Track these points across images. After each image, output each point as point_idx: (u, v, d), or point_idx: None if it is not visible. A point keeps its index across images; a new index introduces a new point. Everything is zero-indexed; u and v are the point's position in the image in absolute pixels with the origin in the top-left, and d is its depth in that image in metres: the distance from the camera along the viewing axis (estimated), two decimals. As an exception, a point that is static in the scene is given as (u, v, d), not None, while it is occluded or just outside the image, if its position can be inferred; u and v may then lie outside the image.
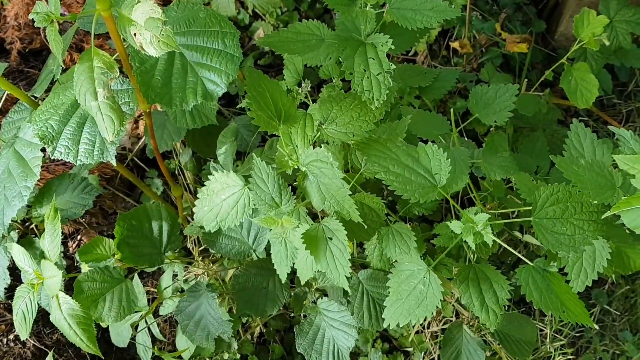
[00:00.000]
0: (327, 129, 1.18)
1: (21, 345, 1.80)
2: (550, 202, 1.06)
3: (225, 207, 1.16)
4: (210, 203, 1.17)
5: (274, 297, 1.42)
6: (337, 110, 1.17)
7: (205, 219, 1.18)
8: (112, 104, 0.96)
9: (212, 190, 1.17)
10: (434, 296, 1.09)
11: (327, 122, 1.17)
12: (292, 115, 1.11)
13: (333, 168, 1.04)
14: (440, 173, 1.05)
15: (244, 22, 2.07)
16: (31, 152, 1.19)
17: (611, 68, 1.97)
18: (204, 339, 1.45)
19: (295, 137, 1.14)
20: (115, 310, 1.30)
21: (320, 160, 1.05)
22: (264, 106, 1.06)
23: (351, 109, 1.16)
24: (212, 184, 1.17)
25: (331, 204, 1.07)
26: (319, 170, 1.05)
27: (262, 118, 1.06)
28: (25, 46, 2.04)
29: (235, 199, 1.16)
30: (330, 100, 1.17)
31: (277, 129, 1.09)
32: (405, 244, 1.23)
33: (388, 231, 1.24)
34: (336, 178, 1.04)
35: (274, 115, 1.08)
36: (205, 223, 1.18)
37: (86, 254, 1.31)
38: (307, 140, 1.14)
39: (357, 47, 1.10)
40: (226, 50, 1.06)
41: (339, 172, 1.03)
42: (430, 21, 1.12)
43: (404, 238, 1.24)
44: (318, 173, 1.06)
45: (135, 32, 0.93)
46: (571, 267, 1.19)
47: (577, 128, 1.25)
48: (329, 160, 1.04)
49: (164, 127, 1.62)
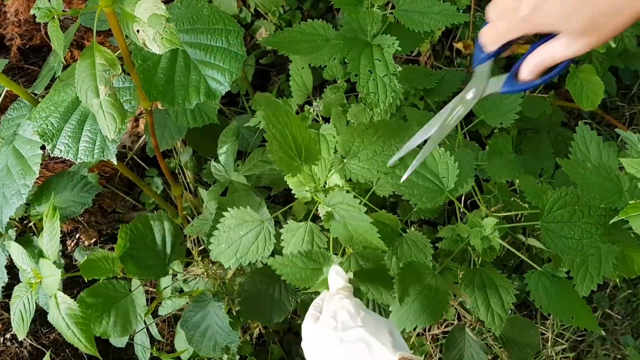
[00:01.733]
0: (349, 165, 1.11)
1: (18, 345, 1.78)
2: (557, 206, 1.05)
3: (245, 243, 1.12)
4: (228, 240, 1.13)
5: (280, 305, 1.39)
6: (359, 143, 1.11)
7: (224, 255, 1.13)
8: (113, 102, 0.95)
9: (227, 226, 1.12)
10: (441, 301, 1.08)
11: (349, 156, 1.11)
12: (313, 152, 1.04)
13: (361, 212, 0.98)
14: (448, 176, 1.04)
15: (246, 20, 2.05)
16: (30, 150, 1.17)
17: (615, 71, 1.95)
18: (210, 350, 1.43)
19: (318, 173, 1.08)
20: (121, 324, 1.28)
21: (347, 204, 1.00)
22: (284, 146, 0.97)
23: (374, 142, 1.11)
24: (227, 220, 1.12)
25: (359, 241, 1.02)
26: (346, 213, 1.00)
27: (283, 160, 0.97)
28: (26, 43, 2.02)
29: (254, 234, 1.11)
30: (351, 132, 1.11)
31: (300, 170, 1.01)
32: (422, 252, 1.18)
33: (402, 241, 1.20)
34: (364, 221, 0.98)
35: (294, 154, 0.99)
36: (224, 260, 1.13)
37: (89, 270, 1.27)
38: (326, 174, 1.08)
39: (363, 48, 1.08)
40: (230, 48, 1.04)
41: (367, 217, 0.97)
42: (437, 24, 1.10)
43: (419, 246, 1.19)
44: (345, 215, 1.00)
45: (138, 29, 0.92)
46: (576, 272, 1.18)
47: (583, 131, 1.23)
48: (356, 205, 0.98)
49: (164, 125, 1.60)
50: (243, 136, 1.81)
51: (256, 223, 1.11)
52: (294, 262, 0.97)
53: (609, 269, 1.16)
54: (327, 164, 1.05)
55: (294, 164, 0.98)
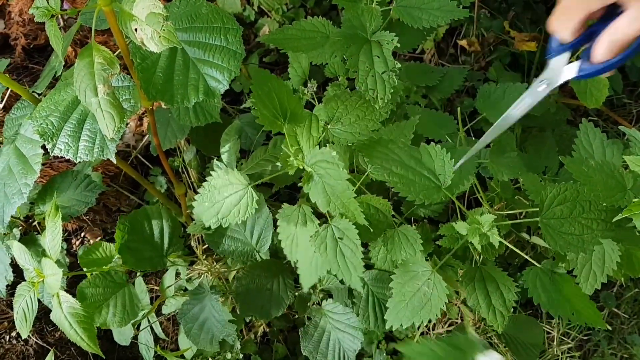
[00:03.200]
0: (333, 129, 1.15)
1: (23, 343, 1.80)
2: (557, 202, 1.04)
3: (227, 204, 1.14)
4: (211, 199, 1.15)
5: (278, 299, 1.40)
6: (343, 109, 1.15)
7: (206, 214, 1.15)
8: (112, 101, 0.95)
9: (213, 186, 1.14)
10: (439, 298, 1.07)
11: (333, 121, 1.15)
12: (298, 115, 1.09)
13: (339, 169, 1.01)
14: (444, 173, 1.03)
15: (249, 18, 2.05)
16: (32, 149, 1.18)
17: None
18: (208, 343, 1.43)
19: (301, 137, 1.12)
20: (120, 315, 1.29)
21: (326, 161, 1.02)
22: (269, 105, 1.04)
23: (357, 108, 1.14)
24: (213, 180, 1.14)
25: (336, 205, 1.04)
26: (325, 171, 1.03)
27: (266, 117, 1.04)
28: (30, 42, 2.03)
29: (237, 197, 1.13)
30: (335, 100, 1.15)
31: (282, 128, 1.07)
32: (412, 246, 1.21)
33: (394, 233, 1.22)
34: (342, 179, 1.01)
35: (279, 114, 1.06)
36: (206, 219, 1.15)
37: (86, 259, 1.29)
38: (312, 140, 1.12)
39: (362, 45, 1.08)
40: (228, 46, 1.04)
41: (344, 174, 1.01)
42: (437, 20, 1.10)
43: (410, 241, 1.21)
44: (323, 174, 1.03)
45: (137, 28, 0.92)
46: (580, 270, 1.17)
47: (587, 128, 1.22)
48: (335, 161, 1.01)
49: (167, 124, 1.60)
50: (247, 135, 1.81)
51: (241, 186, 1.12)
52: (433, 351, 0.94)
53: (612, 267, 1.15)
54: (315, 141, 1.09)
55: (277, 122, 1.04)
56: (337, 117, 1.14)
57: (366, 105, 1.13)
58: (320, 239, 1.09)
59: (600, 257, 1.14)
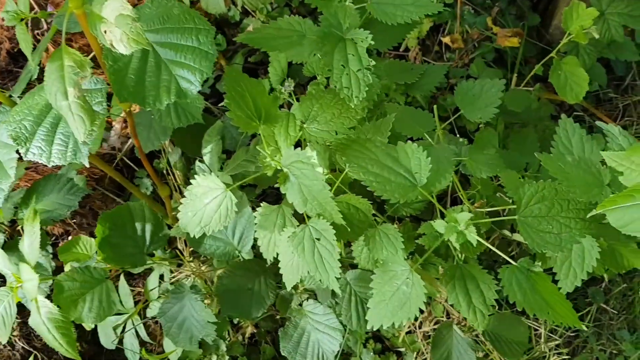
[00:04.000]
0: (309, 128, 1.15)
1: (10, 348, 1.79)
2: (535, 200, 1.03)
3: (208, 211, 1.13)
4: (194, 208, 1.14)
5: (259, 299, 1.39)
6: (318, 108, 1.14)
7: (190, 224, 1.15)
8: (82, 104, 0.94)
9: (194, 194, 1.14)
10: (417, 297, 1.06)
11: (309, 120, 1.15)
12: (273, 115, 1.09)
13: (314, 169, 1.01)
14: (420, 172, 1.03)
15: (234, 18, 2.04)
16: (7, 154, 1.17)
17: (607, 62, 1.93)
18: (187, 342, 1.43)
19: (279, 137, 1.12)
20: (96, 311, 1.28)
21: (301, 161, 1.03)
22: (243, 106, 1.05)
23: (332, 106, 1.14)
24: (194, 188, 1.14)
25: (313, 206, 1.04)
26: (300, 172, 1.03)
27: (241, 118, 1.05)
28: (14, 46, 2.02)
29: (217, 202, 1.12)
30: (310, 98, 1.14)
31: (257, 129, 1.07)
32: (393, 245, 1.20)
33: (375, 233, 1.22)
34: (317, 180, 1.01)
35: (253, 115, 1.06)
36: (190, 228, 1.15)
37: (66, 253, 1.29)
38: (289, 140, 1.12)
39: (336, 43, 1.07)
40: (200, 47, 1.03)
41: (319, 174, 1.01)
42: (411, 16, 1.09)
43: (391, 240, 1.21)
44: (299, 174, 1.03)
45: (106, 30, 0.91)
46: (559, 267, 1.16)
47: (566, 124, 1.21)
48: (310, 162, 1.01)
49: (150, 126, 1.60)
50: (232, 135, 1.80)
51: (220, 190, 1.11)
52: None
53: (592, 264, 1.15)
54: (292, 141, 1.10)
55: (252, 123, 1.06)
56: (312, 115, 1.14)
57: (341, 103, 1.12)
58: (297, 240, 1.08)
59: (580, 254, 1.13)
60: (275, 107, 1.10)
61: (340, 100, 1.12)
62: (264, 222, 1.22)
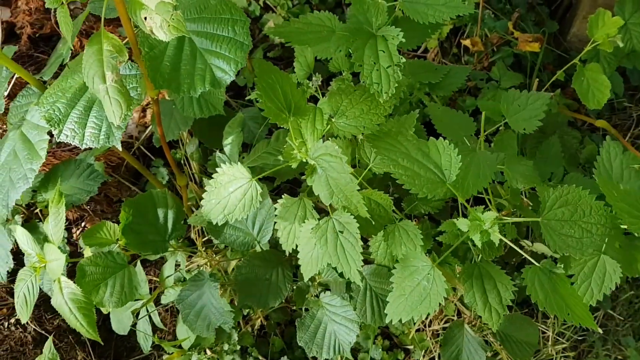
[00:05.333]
0: (337, 123, 1.17)
1: (22, 330, 1.80)
2: (559, 204, 1.05)
3: (232, 200, 1.15)
4: (218, 196, 1.16)
5: (276, 290, 1.41)
6: (347, 103, 1.16)
7: (213, 212, 1.17)
8: (120, 88, 0.96)
9: (219, 182, 1.15)
10: (438, 293, 1.08)
11: (337, 115, 1.17)
12: (302, 108, 1.11)
13: (342, 162, 1.03)
14: (450, 169, 1.04)
15: (254, 13, 2.06)
16: (38, 135, 1.19)
17: (623, 71, 1.95)
18: (204, 329, 1.45)
19: (305, 130, 1.14)
20: (117, 295, 1.29)
21: (330, 154, 1.05)
22: (274, 98, 1.06)
23: (361, 102, 1.15)
24: (219, 177, 1.15)
25: (339, 198, 1.06)
26: (328, 164, 1.05)
27: (272, 110, 1.06)
28: (36, 31, 2.04)
29: (242, 191, 1.14)
30: (339, 93, 1.16)
31: (287, 121, 1.09)
32: (412, 241, 1.22)
33: (394, 228, 1.23)
34: (345, 172, 1.03)
35: (284, 107, 1.08)
36: (213, 216, 1.17)
37: (90, 237, 1.30)
38: (316, 133, 1.14)
39: (367, 39, 1.09)
40: (236, 37, 1.05)
41: (347, 167, 1.03)
42: (442, 16, 1.11)
43: (410, 236, 1.22)
44: (327, 167, 1.05)
45: (146, 16, 0.93)
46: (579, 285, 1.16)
47: (610, 146, 1.23)
48: (338, 154, 1.03)
49: (171, 116, 1.61)
50: (249, 128, 1.82)
51: (245, 180, 1.13)
52: None
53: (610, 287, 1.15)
54: (319, 134, 1.11)
55: (282, 115, 1.07)
56: (341, 110, 1.16)
57: (370, 99, 1.14)
58: (321, 232, 1.10)
59: (601, 276, 1.13)
60: (304, 101, 1.12)
61: (369, 96, 1.14)
62: (284, 213, 1.23)
